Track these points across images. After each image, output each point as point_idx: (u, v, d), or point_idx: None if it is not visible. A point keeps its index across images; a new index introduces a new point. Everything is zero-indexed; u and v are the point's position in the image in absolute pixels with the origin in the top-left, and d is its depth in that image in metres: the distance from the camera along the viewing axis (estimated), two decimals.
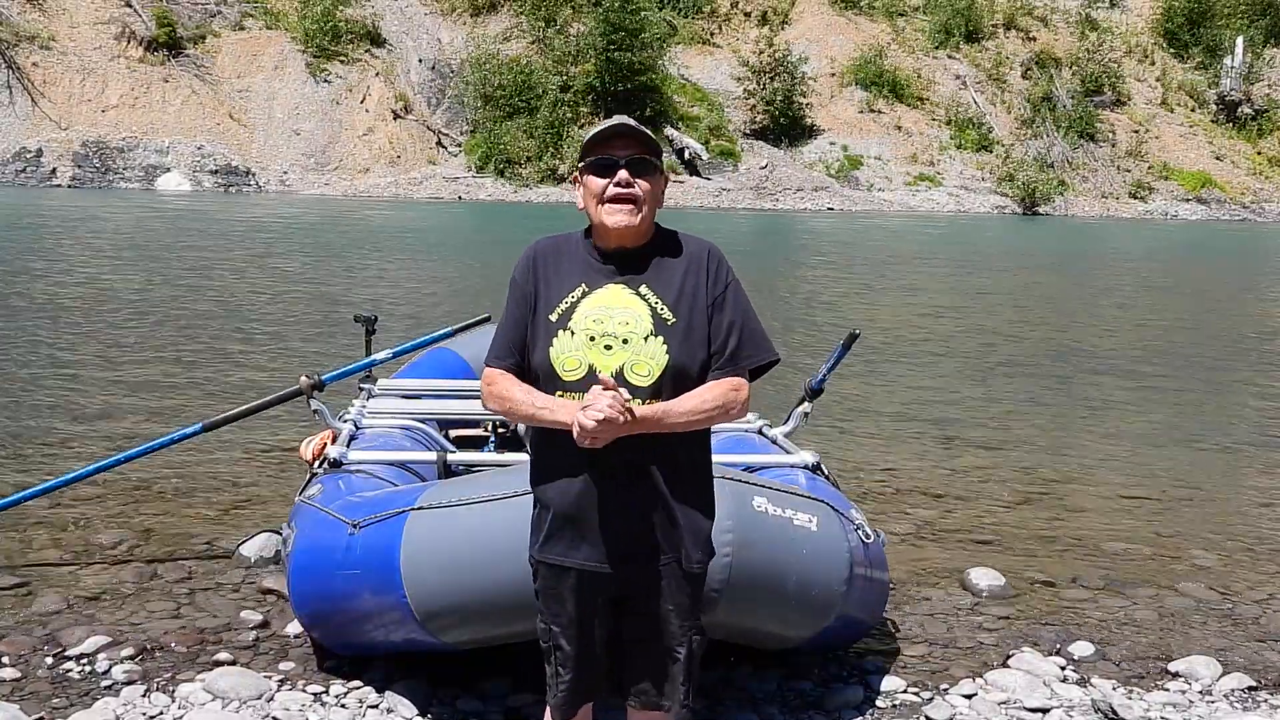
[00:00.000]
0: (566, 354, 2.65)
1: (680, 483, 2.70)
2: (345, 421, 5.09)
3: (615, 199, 2.68)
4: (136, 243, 19.87)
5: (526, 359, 2.73)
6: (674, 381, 2.65)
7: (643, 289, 2.70)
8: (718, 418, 2.69)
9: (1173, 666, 4.47)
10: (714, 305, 2.71)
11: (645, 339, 2.65)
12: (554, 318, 2.69)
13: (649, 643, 2.75)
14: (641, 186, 2.69)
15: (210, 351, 10.55)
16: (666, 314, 2.68)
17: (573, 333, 2.66)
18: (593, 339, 2.65)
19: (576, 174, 2.78)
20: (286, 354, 10.55)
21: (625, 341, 2.65)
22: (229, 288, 14.88)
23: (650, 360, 2.64)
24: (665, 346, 2.65)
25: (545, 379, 2.68)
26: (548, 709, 2.87)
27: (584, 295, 2.70)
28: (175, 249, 19.13)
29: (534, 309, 2.73)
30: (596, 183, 2.70)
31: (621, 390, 2.56)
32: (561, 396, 2.65)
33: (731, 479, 3.59)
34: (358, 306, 11.70)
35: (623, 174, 2.68)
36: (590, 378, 2.61)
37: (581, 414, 2.52)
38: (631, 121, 2.74)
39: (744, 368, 2.73)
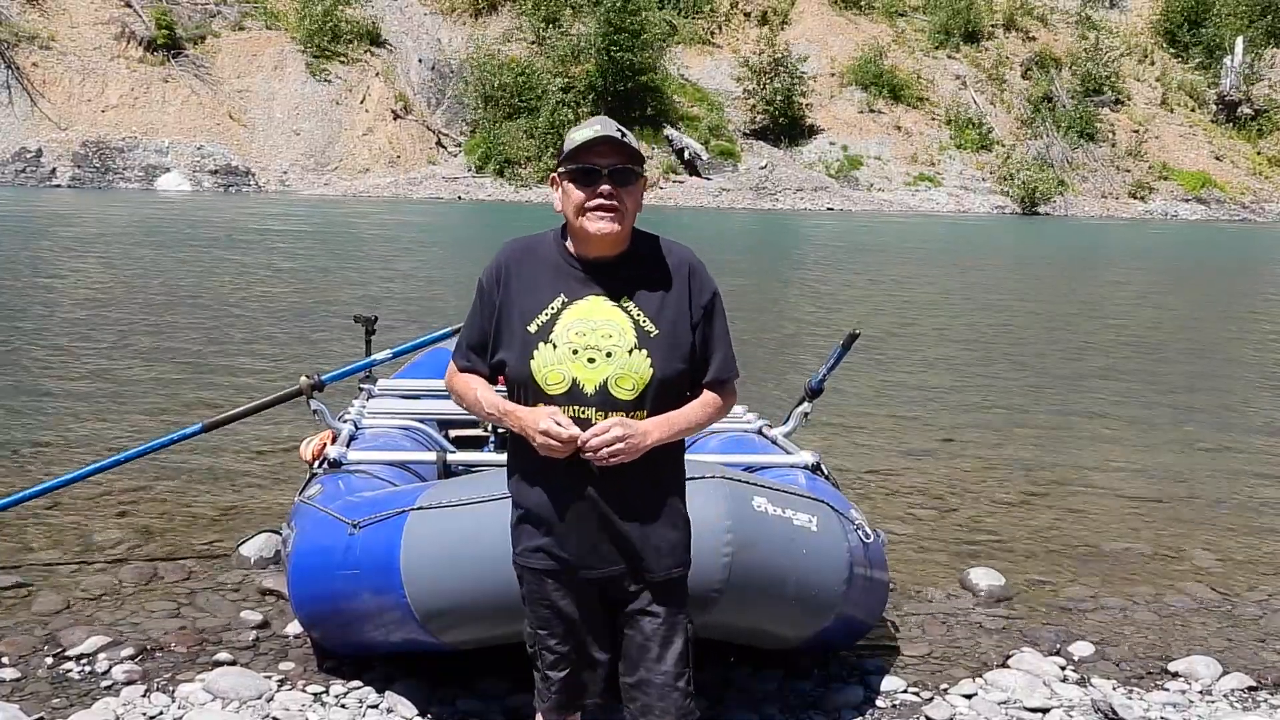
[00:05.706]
0: (549, 367, 2.61)
1: (657, 488, 2.68)
2: (345, 422, 5.08)
3: (597, 209, 2.62)
4: (136, 243, 19.86)
5: (491, 365, 2.72)
6: (658, 394, 2.63)
7: (624, 301, 2.65)
8: (704, 428, 2.81)
9: (1173, 666, 4.47)
10: (703, 316, 2.70)
11: (629, 352, 2.61)
12: (533, 329, 2.64)
13: (641, 642, 2.71)
14: (623, 198, 2.62)
15: (210, 351, 10.54)
16: (649, 326, 2.64)
17: (554, 345, 2.61)
18: (575, 352, 2.60)
19: (555, 176, 2.72)
20: (286, 354, 10.54)
21: (609, 355, 2.60)
22: (228, 287, 14.87)
23: (634, 374, 2.60)
24: (649, 360, 2.61)
25: (528, 393, 2.64)
26: (538, 714, 2.86)
27: (564, 306, 2.65)
28: (175, 249, 19.13)
29: (506, 320, 2.68)
30: (577, 193, 2.63)
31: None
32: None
33: (731, 479, 3.58)
34: (358, 306, 11.70)
35: (605, 187, 2.61)
36: (574, 391, 2.59)
37: (547, 427, 2.53)
38: (615, 129, 2.65)
39: (730, 380, 2.75)
